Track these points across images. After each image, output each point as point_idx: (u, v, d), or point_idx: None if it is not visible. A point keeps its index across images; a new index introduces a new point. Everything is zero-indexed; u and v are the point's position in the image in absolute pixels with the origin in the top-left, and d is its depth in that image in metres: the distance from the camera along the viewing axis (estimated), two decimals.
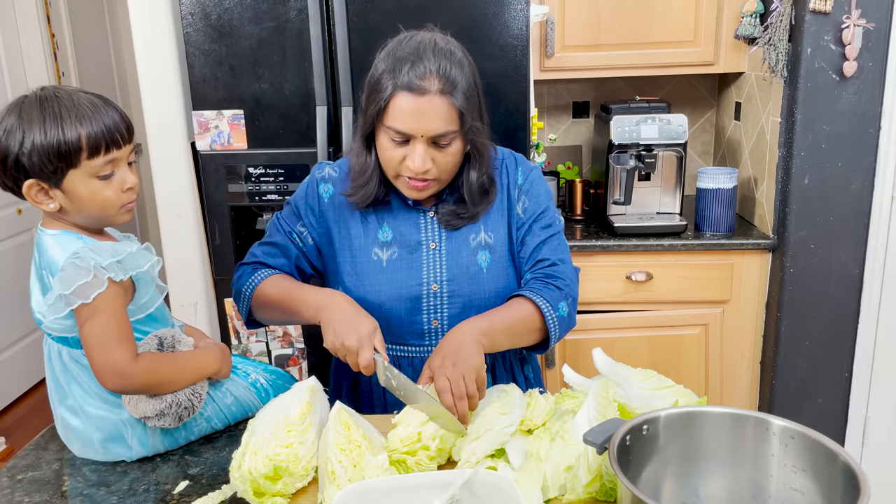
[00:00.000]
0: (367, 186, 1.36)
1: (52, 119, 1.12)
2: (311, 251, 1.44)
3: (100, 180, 1.16)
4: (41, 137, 1.11)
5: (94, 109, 1.15)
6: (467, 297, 1.38)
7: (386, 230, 1.40)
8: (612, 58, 2.48)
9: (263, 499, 1.08)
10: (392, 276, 1.38)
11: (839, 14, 2.09)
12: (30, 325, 3.67)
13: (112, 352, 1.14)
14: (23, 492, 1.15)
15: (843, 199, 2.22)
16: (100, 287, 1.12)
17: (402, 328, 1.40)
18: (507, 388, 1.24)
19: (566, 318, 1.36)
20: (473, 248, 1.39)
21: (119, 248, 1.18)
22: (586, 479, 1.06)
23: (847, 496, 0.87)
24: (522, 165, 1.45)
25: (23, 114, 1.12)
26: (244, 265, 1.44)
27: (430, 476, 1.05)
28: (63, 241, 1.17)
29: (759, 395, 2.48)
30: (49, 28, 3.79)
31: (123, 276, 1.16)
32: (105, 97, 1.19)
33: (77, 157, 1.13)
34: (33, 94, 1.15)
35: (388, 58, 1.26)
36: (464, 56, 1.28)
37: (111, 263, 1.14)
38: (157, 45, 2.19)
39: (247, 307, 1.41)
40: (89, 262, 1.12)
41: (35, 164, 1.12)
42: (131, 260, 1.18)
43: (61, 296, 1.12)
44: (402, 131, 1.24)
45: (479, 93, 1.31)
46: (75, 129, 1.12)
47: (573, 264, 1.43)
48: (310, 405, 1.16)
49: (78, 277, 1.11)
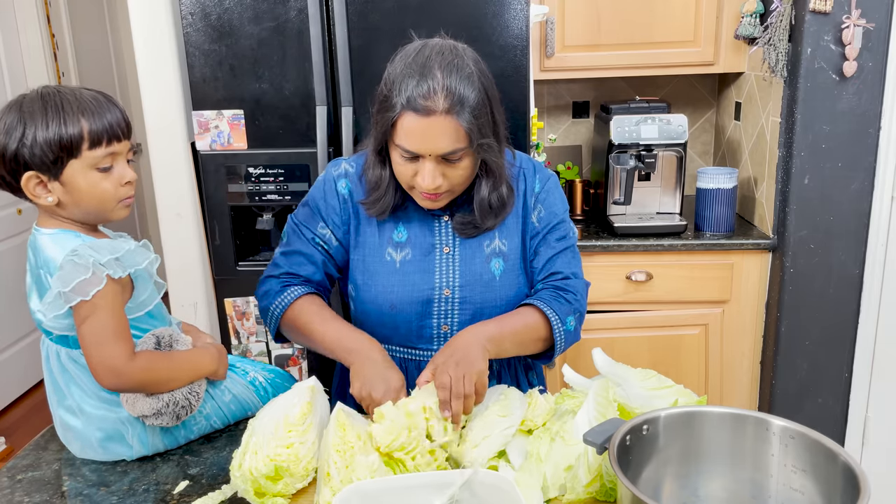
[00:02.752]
0: (383, 199, 1.34)
1: (54, 111, 1.13)
2: (336, 251, 1.41)
3: (99, 172, 1.16)
4: (43, 129, 1.12)
5: (96, 104, 1.16)
6: (479, 304, 1.37)
7: (401, 231, 1.38)
8: (612, 58, 2.48)
9: (264, 499, 1.08)
10: (404, 278, 1.37)
11: (839, 14, 2.09)
12: (30, 325, 3.67)
13: (109, 349, 1.14)
14: (23, 492, 1.15)
15: (843, 199, 2.22)
16: (98, 284, 1.13)
17: (411, 331, 1.39)
18: (507, 390, 1.24)
19: (572, 332, 1.36)
20: (487, 255, 1.38)
21: (117, 246, 1.18)
22: (586, 479, 1.06)
23: (847, 496, 0.87)
24: (540, 173, 1.44)
25: (24, 109, 1.14)
26: (272, 279, 1.40)
27: (430, 476, 1.05)
28: (60, 239, 1.17)
29: (759, 395, 2.48)
30: (49, 28, 3.79)
31: (122, 272, 1.16)
32: (107, 94, 1.21)
33: (78, 147, 1.14)
34: (34, 92, 1.16)
35: (396, 71, 1.23)
36: (475, 68, 1.23)
37: (109, 260, 1.14)
38: (157, 45, 2.19)
39: (275, 327, 1.39)
40: (88, 260, 1.12)
41: (36, 155, 1.12)
42: (129, 257, 1.18)
43: (60, 293, 1.12)
44: (410, 150, 1.23)
45: (493, 105, 1.25)
46: (77, 119, 1.13)
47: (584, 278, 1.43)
48: (310, 405, 1.16)
49: (77, 274, 1.11)
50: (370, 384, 1.20)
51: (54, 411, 1.25)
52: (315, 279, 1.40)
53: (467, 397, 1.16)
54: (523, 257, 1.41)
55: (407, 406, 1.13)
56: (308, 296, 1.38)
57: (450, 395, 1.14)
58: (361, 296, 1.40)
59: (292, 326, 1.37)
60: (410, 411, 1.12)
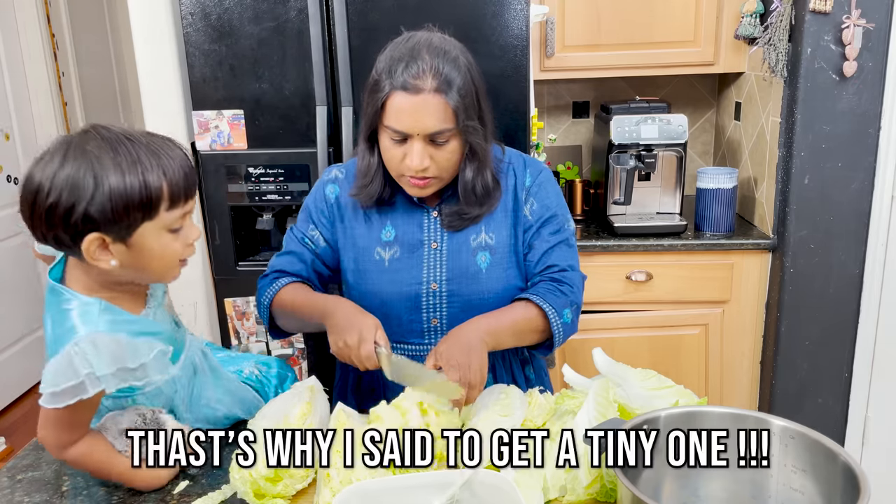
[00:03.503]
0: (370, 186, 1.38)
1: (129, 163, 0.98)
2: (324, 252, 1.45)
3: (170, 233, 1.04)
4: (120, 185, 0.97)
5: (169, 152, 1.02)
6: (466, 297, 1.39)
7: (389, 229, 1.41)
8: (612, 58, 2.48)
9: (264, 500, 1.08)
10: (393, 275, 1.40)
11: (839, 14, 2.09)
12: (30, 325, 3.67)
13: (50, 433, 1.07)
14: (23, 492, 1.15)
15: (843, 199, 2.22)
16: (82, 394, 0.99)
17: (402, 326, 1.41)
18: (508, 390, 1.24)
19: (570, 324, 1.38)
20: (473, 248, 1.40)
21: (131, 351, 1.03)
22: (586, 480, 1.06)
23: (847, 496, 0.87)
24: (531, 167, 1.45)
25: (91, 156, 0.97)
26: (263, 278, 1.46)
27: (430, 476, 1.05)
28: (86, 314, 1.03)
29: (759, 395, 2.48)
30: (49, 28, 3.79)
31: (115, 386, 1.02)
32: (169, 138, 1.07)
33: (157, 208, 1.01)
34: (94, 133, 1.00)
35: (385, 58, 1.28)
36: (461, 55, 1.28)
37: (106, 376, 1.00)
38: (157, 45, 2.19)
39: (266, 316, 1.43)
40: (81, 370, 0.99)
41: (108, 214, 0.97)
42: (139, 373, 1.04)
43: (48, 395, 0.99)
44: (398, 130, 1.26)
45: (479, 93, 1.30)
46: (158, 176, 0.99)
47: (581, 271, 1.44)
48: (310, 405, 1.16)
49: (67, 378, 0.99)
50: (343, 331, 1.21)
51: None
52: (302, 275, 1.44)
53: (472, 387, 1.17)
54: (514, 251, 1.42)
55: (401, 404, 1.13)
56: (296, 283, 1.42)
57: (459, 375, 1.16)
58: (353, 295, 1.43)
59: (282, 311, 1.40)
60: (405, 408, 1.12)
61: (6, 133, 3.52)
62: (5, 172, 3.51)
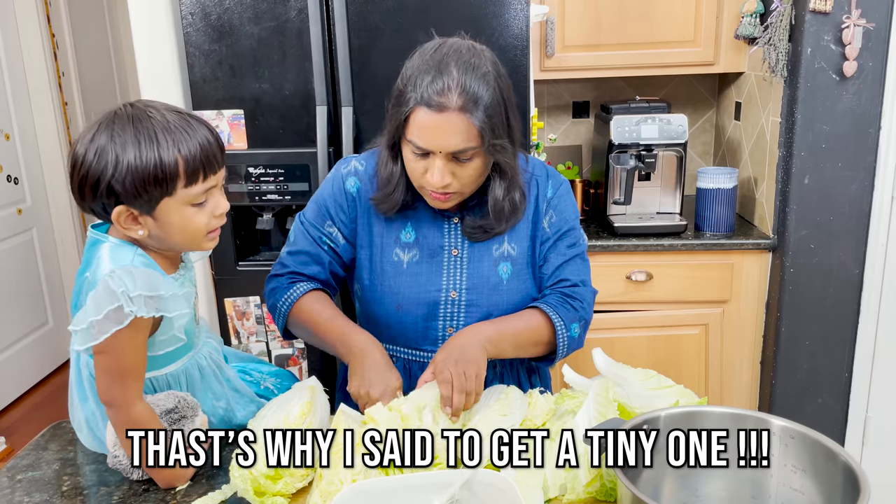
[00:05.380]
0: (393, 195, 1.33)
1: (147, 141, 1.03)
2: (344, 250, 1.40)
3: (194, 207, 1.10)
4: (137, 162, 1.03)
5: (189, 130, 1.07)
6: (486, 308, 1.37)
7: (409, 231, 1.38)
8: (611, 58, 2.48)
9: (264, 498, 1.08)
10: (412, 279, 1.37)
11: (839, 14, 2.09)
12: (30, 324, 3.67)
13: (116, 387, 1.09)
14: (23, 492, 1.15)
15: (843, 199, 2.22)
16: (120, 325, 1.05)
17: (417, 333, 1.38)
18: (507, 390, 1.24)
19: (576, 339, 1.37)
20: (496, 258, 1.38)
21: (158, 283, 1.08)
22: (586, 479, 1.06)
23: (847, 496, 0.87)
24: (553, 178, 1.43)
25: (115, 130, 1.04)
26: (277, 277, 1.41)
27: (430, 476, 1.05)
28: (118, 253, 1.10)
29: (759, 395, 2.48)
30: (49, 28, 3.79)
31: (148, 312, 1.07)
32: (195, 115, 1.12)
33: (174, 185, 1.06)
34: (124, 109, 1.07)
35: (413, 67, 1.23)
36: (492, 69, 1.22)
37: (140, 297, 1.05)
38: (157, 45, 2.19)
39: (283, 323, 1.39)
40: (117, 290, 1.04)
41: (128, 189, 1.04)
42: (162, 302, 1.09)
43: (93, 323, 1.04)
44: (420, 146, 1.22)
45: (508, 109, 1.24)
46: (172, 154, 1.04)
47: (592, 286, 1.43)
48: (310, 405, 1.16)
49: (109, 301, 1.04)
50: (368, 383, 1.20)
51: (72, 401, 1.24)
52: (320, 278, 1.40)
53: (468, 393, 1.16)
54: (532, 262, 1.40)
55: (401, 408, 1.13)
56: (315, 292, 1.38)
57: (451, 390, 1.14)
58: (368, 295, 1.40)
59: (298, 322, 1.37)
60: (405, 413, 1.12)
61: (6, 133, 3.53)
62: (5, 172, 3.51)
